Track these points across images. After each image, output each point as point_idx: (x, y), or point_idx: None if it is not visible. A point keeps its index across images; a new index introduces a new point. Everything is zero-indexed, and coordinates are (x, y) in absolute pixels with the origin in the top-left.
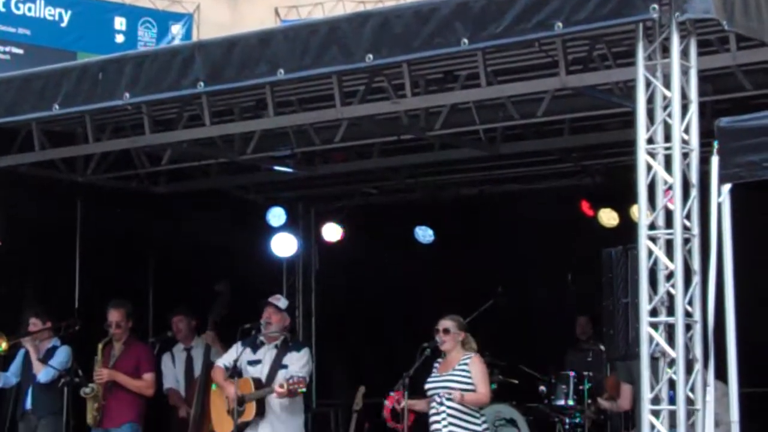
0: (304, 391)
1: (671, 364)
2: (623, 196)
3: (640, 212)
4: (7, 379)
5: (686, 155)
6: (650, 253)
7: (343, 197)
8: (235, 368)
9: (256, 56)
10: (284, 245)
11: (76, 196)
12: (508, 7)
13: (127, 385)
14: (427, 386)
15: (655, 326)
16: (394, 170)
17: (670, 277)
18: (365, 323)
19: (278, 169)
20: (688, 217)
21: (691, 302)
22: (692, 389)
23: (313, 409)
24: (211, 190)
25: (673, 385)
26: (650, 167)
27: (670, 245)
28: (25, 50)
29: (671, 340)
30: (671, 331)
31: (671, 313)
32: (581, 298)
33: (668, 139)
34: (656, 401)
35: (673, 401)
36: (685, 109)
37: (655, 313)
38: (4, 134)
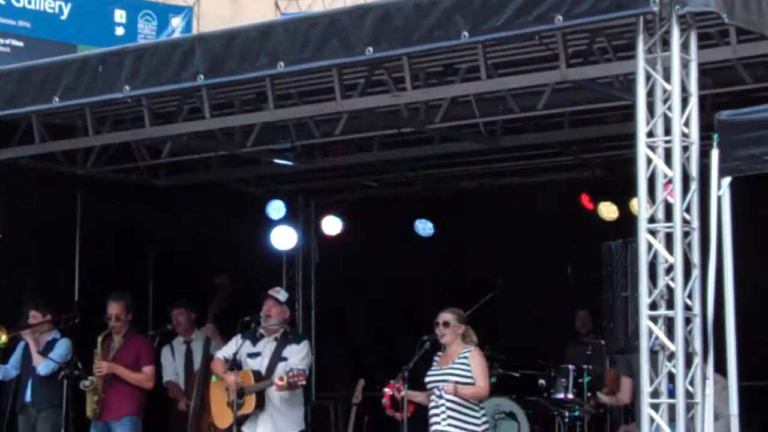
0: (304, 384)
1: (671, 357)
2: (623, 189)
3: (639, 205)
4: (6, 371)
5: (686, 148)
6: (650, 246)
7: (343, 190)
8: (234, 361)
9: (256, 49)
10: (284, 238)
11: (76, 188)
12: (508, 0)
13: (126, 378)
14: (426, 379)
15: (654, 319)
16: (394, 163)
17: (669, 270)
18: (365, 316)
19: (278, 162)
20: (687, 210)
21: (690, 295)
22: (692, 383)
23: (312, 402)
24: (211, 182)
25: (672, 378)
26: (650, 160)
27: (669, 238)
28: (25, 43)
29: (671, 333)
30: (671, 324)
31: (671, 306)
32: (581, 291)
33: (668, 132)
34: (655, 395)
35: (672, 395)
36: (685, 102)
37: (654, 306)
38: (4, 127)
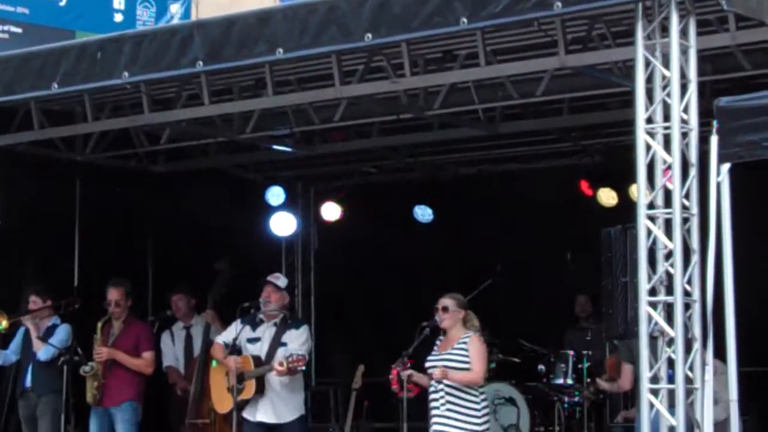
0: (303, 369)
1: (670, 343)
2: (622, 175)
3: (639, 192)
4: (6, 356)
5: (685, 135)
6: (649, 232)
7: (342, 176)
8: (234, 346)
9: (255, 35)
10: (283, 224)
11: (75, 175)
12: None
13: (126, 363)
14: (426, 364)
15: (654, 305)
16: (393, 149)
17: (669, 256)
18: (364, 302)
19: (277, 148)
20: (687, 196)
21: (689, 281)
22: (691, 368)
23: (312, 387)
24: (210, 169)
25: (672, 364)
26: (649, 147)
27: (669, 224)
28: (23, 29)
29: (670, 319)
30: (670, 310)
31: (670, 292)
32: (580, 277)
33: (667, 118)
34: (655, 380)
35: (672, 380)
36: (684, 88)
37: (654, 292)
38: (2, 113)
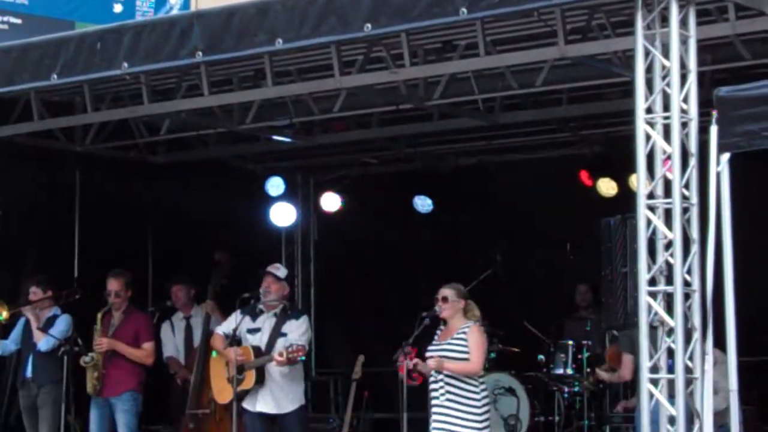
0: (303, 359)
1: (670, 333)
2: (622, 165)
3: (638, 182)
4: (6, 346)
5: (685, 125)
6: (649, 222)
7: (341, 167)
8: (234, 336)
9: (254, 26)
10: (283, 215)
11: (74, 165)
12: None
13: (126, 354)
14: (426, 354)
15: (653, 295)
16: (393, 140)
17: (668, 246)
18: (364, 292)
19: (277, 138)
20: (686, 186)
21: (689, 271)
22: (691, 358)
23: (312, 377)
24: (209, 159)
25: (671, 354)
26: (649, 137)
27: (668, 214)
28: (23, 20)
29: (670, 309)
30: (670, 300)
31: (670, 282)
32: (580, 267)
33: (667, 108)
34: (655, 370)
35: (671, 370)
36: (684, 78)
37: (653, 282)
38: (2, 104)
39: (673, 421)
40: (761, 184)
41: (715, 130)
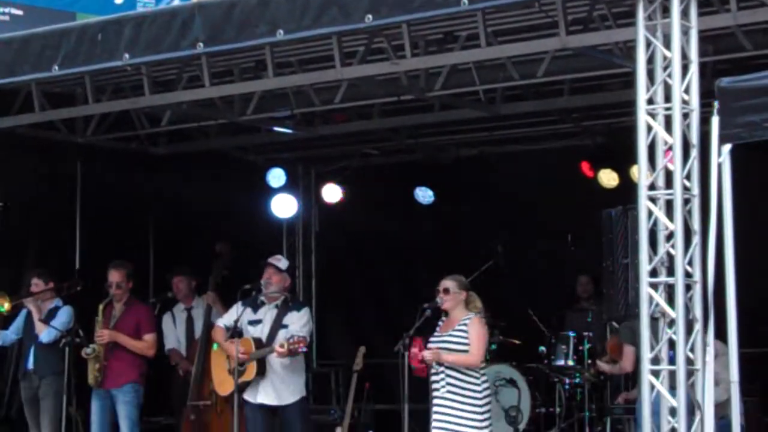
0: (304, 350)
1: (671, 324)
2: (623, 156)
3: (640, 173)
4: (6, 336)
5: (686, 115)
6: (650, 213)
7: (343, 158)
8: (235, 328)
9: (255, 17)
10: (284, 206)
11: (76, 157)
12: None
13: (128, 345)
14: (429, 345)
15: (655, 286)
16: (394, 131)
17: (670, 237)
18: (365, 284)
19: (278, 130)
20: (688, 177)
21: (691, 262)
22: (692, 349)
23: (313, 369)
24: (210, 151)
25: (672, 345)
26: (650, 128)
27: (670, 205)
28: (24, 11)
29: (671, 300)
30: (671, 291)
31: (671, 273)
32: (581, 258)
33: (668, 99)
34: (656, 361)
35: (672, 361)
36: (685, 69)
37: (655, 273)
38: (3, 95)
39: (674, 412)
40: (762, 175)
41: (716, 121)
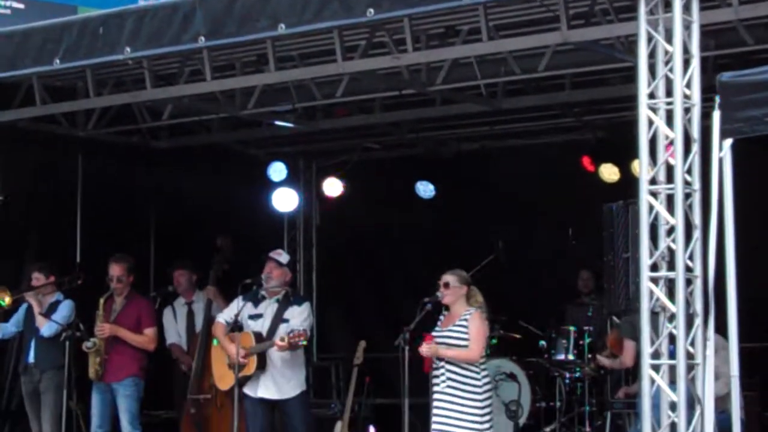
0: (305, 343)
1: (671, 318)
2: (624, 151)
3: (641, 167)
4: (6, 329)
5: (688, 110)
6: (651, 208)
7: (344, 152)
8: (236, 323)
9: (257, 11)
10: (285, 200)
11: (77, 150)
12: None
13: (128, 339)
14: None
15: (655, 281)
16: (395, 125)
17: (670, 232)
18: (366, 278)
19: (279, 124)
20: (689, 172)
21: (691, 257)
22: (692, 344)
23: (313, 363)
24: (212, 145)
25: (673, 339)
26: (651, 122)
27: (671, 200)
28: (25, 5)
29: (672, 294)
30: (672, 285)
31: (672, 267)
32: (582, 253)
33: (670, 94)
34: (656, 356)
35: (673, 356)
36: (686, 63)
37: (655, 267)
38: (5, 89)
39: (674, 406)
40: (763, 169)
41: (717, 115)
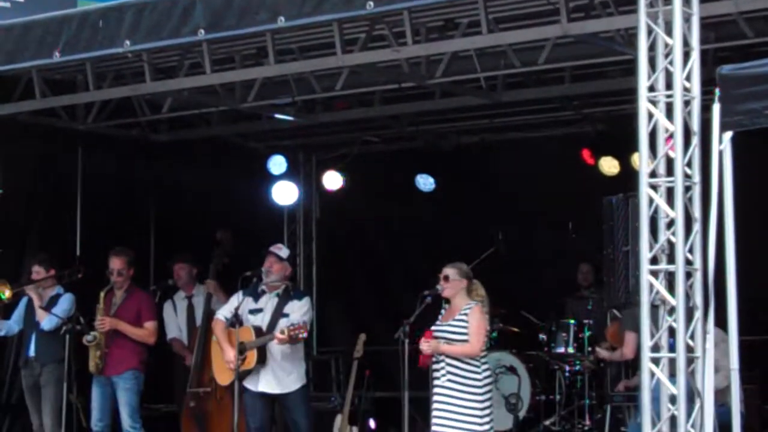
0: (305, 336)
1: (671, 312)
2: (624, 144)
3: (641, 160)
4: (9, 327)
5: (687, 103)
6: (651, 201)
7: (343, 145)
8: (236, 317)
9: (256, 4)
10: (285, 193)
11: (77, 144)
12: None
13: (129, 333)
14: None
15: (655, 274)
16: (395, 118)
17: (670, 225)
18: (366, 271)
19: (279, 117)
20: (689, 164)
21: (691, 250)
22: (692, 337)
23: (313, 356)
24: (211, 138)
25: (673, 332)
26: (651, 115)
27: (671, 193)
28: None
29: (671, 288)
30: (671, 279)
31: (672, 261)
32: (582, 246)
33: (670, 86)
34: (656, 349)
35: (673, 349)
36: (686, 56)
37: (655, 261)
38: (4, 82)
39: (674, 399)
40: (764, 162)
41: (717, 108)
